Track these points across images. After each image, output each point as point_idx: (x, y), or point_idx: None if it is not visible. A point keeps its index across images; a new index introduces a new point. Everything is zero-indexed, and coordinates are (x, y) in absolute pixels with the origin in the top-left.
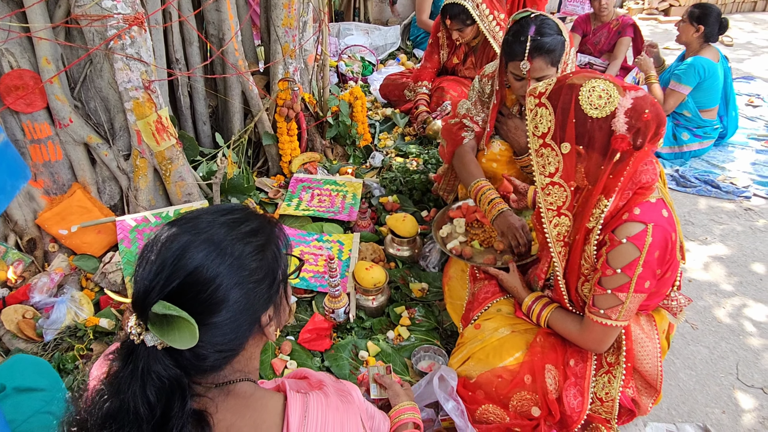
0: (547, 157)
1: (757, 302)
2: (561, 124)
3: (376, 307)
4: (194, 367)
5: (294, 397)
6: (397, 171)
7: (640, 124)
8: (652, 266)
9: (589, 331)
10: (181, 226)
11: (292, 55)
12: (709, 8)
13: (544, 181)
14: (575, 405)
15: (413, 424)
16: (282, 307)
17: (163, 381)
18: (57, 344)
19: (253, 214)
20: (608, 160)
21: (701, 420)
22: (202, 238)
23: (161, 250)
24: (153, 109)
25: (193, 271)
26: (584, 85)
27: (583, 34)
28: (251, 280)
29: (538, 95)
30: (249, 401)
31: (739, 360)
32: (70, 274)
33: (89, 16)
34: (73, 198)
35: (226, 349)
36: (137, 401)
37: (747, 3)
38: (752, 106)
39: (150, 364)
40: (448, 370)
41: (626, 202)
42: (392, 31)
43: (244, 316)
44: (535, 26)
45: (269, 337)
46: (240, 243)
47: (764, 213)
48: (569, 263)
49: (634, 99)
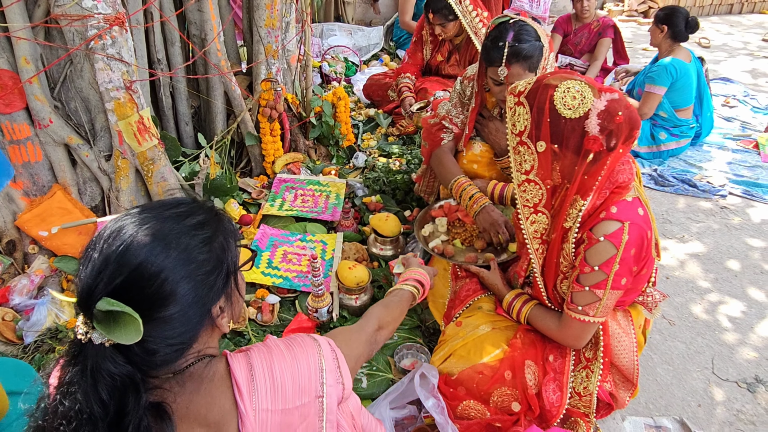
0: (524, 155)
1: (732, 298)
2: (536, 122)
3: (359, 306)
4: (146, 362)
5: (234, 357)
6: (381, 171)
7: (612, 126)
8: (629, 263)
9: (568, 328)
10: (125, 222)
11: (275, 56)
12: (673, 9)
13: (521, 178)
14: (554, 400)
15: (415, 280)
16: (234, 299)
17: (115, 378)
18: (37, 346)
19: (200, 207)
20: (582, 159)
21: (678, 413)
22: (145, 232)
23: (104, 246)
24: (134, 109)
25: (138, 267)
26: (560, 85)
27: (564, 35)
28: (199, 273)
29: (518, 94)
30: (203, 378)
31: (714, 355)
32: (50, 276)
33: (69, 16)
34: (53, 199)
35: (176, 342)
36: (89, 400)
37: (723, 5)
38: (728, 106)
39: (99, 363)
40: (430, 367)
41: (603, 201)
42: (375, 31)
43: (193, 309)
44: (513, 32)
45: (221, 329)
46: (186, 236)
47: (739, 211)
48: (547, 261)
49: (609, 101)
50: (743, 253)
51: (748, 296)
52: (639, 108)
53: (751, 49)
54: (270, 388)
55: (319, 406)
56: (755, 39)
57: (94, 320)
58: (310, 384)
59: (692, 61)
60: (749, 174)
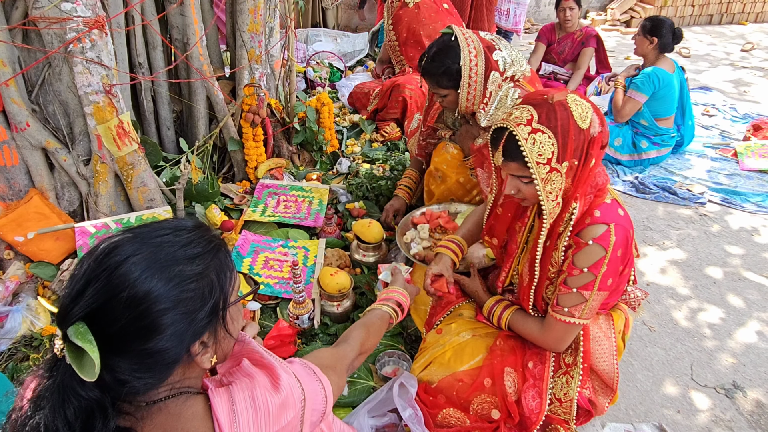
0: (554, 182)
1: (711, 305)
2: (563, 144)
3: (341, 313)
4: (114, 390)
5: (216, 394)
6: (364, 177)
7: (604, 122)
8: (616, 264)
9: (551, 330)
10: (118, 242)
11: (258, 61)
12: (661, 21)
13: (551, 206)
14: (534, 406)
15: (396, 302)
16: (221, 336)
17: (81, 401)
18: (11, 354)
19: (200, 237)
20: (586, 164)
21: (657, 420)
22: (137, 259)
23: (92, 266)
24: (114, 113)
25: (119, 295)
26: (568, 100)
27: (548, 44)
28: (183, 309)
29: (527, 122)
30: (180, 414)
31: (693, 361)
32: (26, 282)
33: (47, 19)
34: (30, 204)
35: (147, 377)
36: (56, 418)
37: (704, 16)
38: (708, 115)
39: (68, 383)
40: (409, 377)
41: (588, 207)
42: (360, 37)
43: (171, 345)
44: (434, 50)
45: (201, 365)
46: (177, 267)
47: (718, 219)
48: (541, 267)
49: (589, 101)
50: (722, 260)
51: (726, 303)
52: (621, 110)
53: (732, 59)
54: (253, 417)
55: (300, 416)
56: (736, 49)
57: (65, 342)
58: (295, 402)
59: (676, 72)
60: (728, 182)
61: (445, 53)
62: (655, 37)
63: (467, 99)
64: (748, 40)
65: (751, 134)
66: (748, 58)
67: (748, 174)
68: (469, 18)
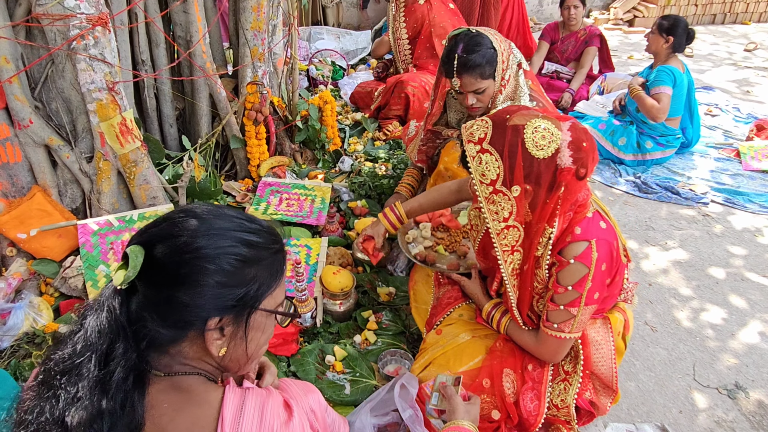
0: (500, 203)
1: (713, 305)
2: (510, 168)
3: (343, 312)
4: (135, 325)
5: (231, 391)
6: (366, 176)
7: (582, 155)
8: (602, 278)
9: (544, 344)
10: (205, 207)
11: (261, 59)
12: (678, 20)
13: (499, 227)
14: (531, 408)
15: None
16: (238, 336)
17: (111, 317)
18: (14, 351)
19: (266, 235)
20: (554, 192)
21: (659, 420)
22: (209, 220)
23: (178, 210)
24: (117, 110)
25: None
26: (527, 126)
27: (551, 42)
28: (216, 278)
29: (478, 141)
30: (192, 395)
31: (696, 361)
32: (28, 279)
33: (51, 16)
34: (32, 201)
35: (160, 325)
36: (94, 328)
37: (707, 15)
38: (711, 115)
39: (110, 297)
40: (410, 377)
41: (568, 224)
42: (363, 36)
43: (189, 306)
44: (463, 44)
45: (208, 346)
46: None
47: (721, 219)
48: (520, 291)
49: (571, 131)
50: (724, 261)
51: (729, 303)
52: (654, 111)
53: (735, 59)
54: (257, 427)
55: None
56: (740, 49)
57: (122, 259)
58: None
59: (685, 72)
60: (731, 182)
61: (478, 42)
62: (671, 36)
63: (501, 84)
64: (752, 39)
65: (755, 134)
66: (752, 58)
67: (751, 174)
68: (478, 16)
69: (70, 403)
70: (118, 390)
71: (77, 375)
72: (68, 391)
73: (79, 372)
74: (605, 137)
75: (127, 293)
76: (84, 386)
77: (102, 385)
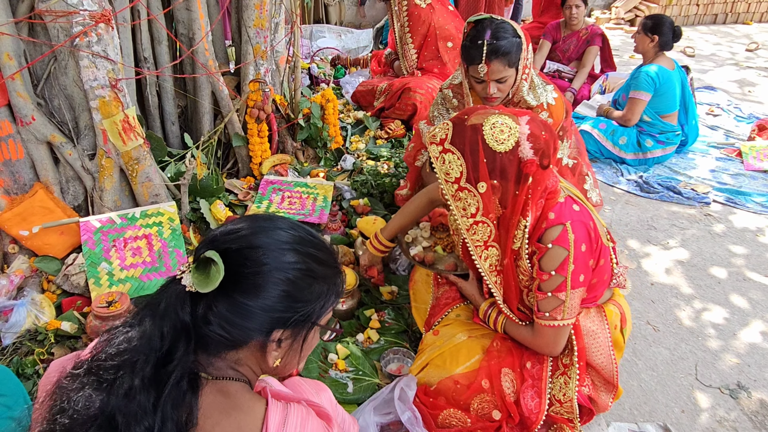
0: (466, 200)
1: (715, 305)
2: (473, 165)
3: (345, 310)
4: (199, 328)
5: (275, 404)
6: (368, 174)
7: (541, 146)
8: (584, 259)
9: (541, 336)
10: (277, 219)
11: (264, 57)
12: (661, 18)
13: (468, 222)
14: (533, 406)
15: None
16: (295, 347)
17: (177, 320)
18: (16, 348)
19: (328, 254)
20: (522, 185)
21: (662, 419)
22: (281, 233)
23: (249, 222)
24: (120, 108)
25: (251, 247)
26: (485, 123)
27: (553, 42)
28: (282, 290)
29: (440, 142)
30: (237, 402)
31: (698, 361)
32: (30, 276)
33: (54, 12)
34: (34, 198)
35: (227, 329)
36: (155, 329)
37: (708, 15)
38: (713, 115)
39: (174, 300)
40: (409, 380)
41: (541, 212)
42: (365, 34)
43: (258, 315)
44: (490, 30)
45: (268, 358)
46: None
47: (723, 219)
48: (505, 287)
49: (529, 124)
50: (726, 260)
51: (730, 303)
52: (624, 114)
53: (737, 59)
54: None
55: None
56: (741, 49)
57: (195, 264)
58: None
59: (676, 70)
60: (732, 182)
61: (504, 29)
62: (656, 35)
63: (522, 74)
64: (753, 39)
65: (756, 134)
66: (753, 58)
67: (752, 174)
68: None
69: (123, 396)
70: (172, 390)
71: (132, 371)
72: (122, 385)
73: (134, 369)
74: (606, 137)
75: (193, 297)
76: (138, 383)
77: (158, 384)
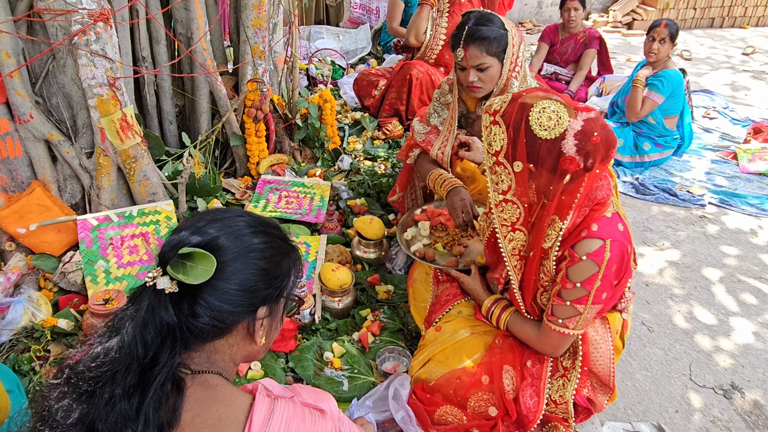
0: (500, 175)
1: (709, 306)
2: (513, 142)
3: (341, 309)
4: (187, 325)
5: (262, 399)
6: (366, 174)
7: (589, 147)
8: (610, 279)
9: (546, 338)
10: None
11: (262, 57)
12: (675, 24)
13: (498, 198)
14: (531, 405)
15: None
16: (276, 320)
17: (162, 324)
18: (12, 345)
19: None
20: (558, 179)
21: (656, 419)
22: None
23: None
24: (118, 106)
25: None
26: (535, 105)
27: (551, 44)
28: (260, 268)
29: (493, 113)
30: (218, 394)
31: (692, 361)
32: (27, 274)
33: (52, 11)
34: (32, 196)
35: (218, 318)
36: (136, 337)
37: (705, 19)
38: (708, 117)
39: (155, 306)
40: (402, 379)
41: (584, 219)
42: (363, 35)
43: (244, 297)
44: (475, 18)
45: (255, 337)
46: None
47: (718, 221)
48: (525, 277)
49: (585, 121)
50: (720, 262)
51: (724, 304)
52: (639, 110)
53: (733, 63)
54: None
55: None
56: (737, 53)
57: (168, 266)
58: None
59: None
60: (727, 184)
61: (489, 19)
62: (677, 41)
63: (509, 69)
64: (750, 43)
65: (752, 137)
66: (749, 62)
67: (747, 177)
68: None
69: (104, 405)
70: (155, 393)
71: (112, 381)
72: (102, 395)
73: (115, 379)
74: None
75: (173, 298)
76: (120, 392)
77: (142, 389)
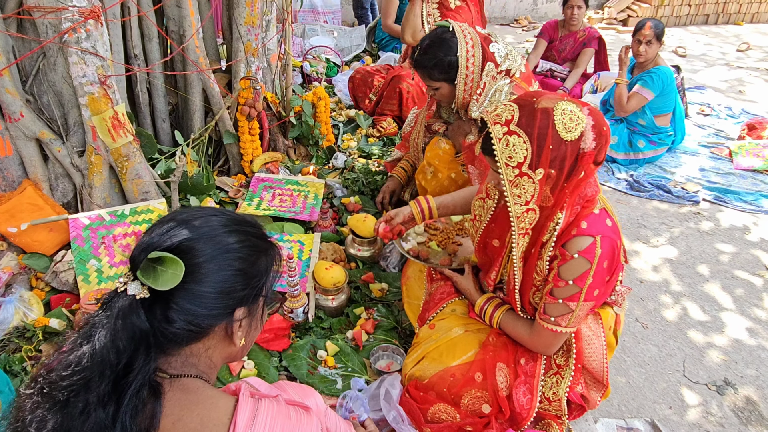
0: (524, 186)
1: (703, 302)
2: (538, 151)
3: (335, 307)
4: (161, 330)
5: (245, 400)
6: (360, 172)
7: (602, 140)
8: (602, 275)
9: (539, 336)
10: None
11: (255, 54)
12: (661, 23)
13: (520, 210)
14: (524, 402)
15: None
16: (256, 320)
17: (135, 330)
18: (4, 345)
19: (263, 234)
20: (573, 177)
21: (649, 415)
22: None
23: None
24: (109, 104)
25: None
26: (555, 108)
27: (550, 41)
28: (236, 269)
29: (505, 122)
30: (199, 397)
31: (685, 357)
32: (19, 273)
33: (42, 8)
34: (23, 195)
35: (193, 322)
36: (107, 344)
37: (700, 16)
38: (703, 114)
39: (126, 312)
40: (393, 379)
41: (575, 217)
42: (358, 32)
43: (220, 299)
44: (428, 41)
45: (234, 339)
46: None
47: (711, 217)
48: (524, 276)
49: (591, 114)
50: (714, 258)
51: (718, 300)
52: (625, 104)
53: (728, 59)
54: None
55: None
56: (732, 49)
57: (138, 271)
58: None
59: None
60: (722, 181)
61: (438, 45)
62: (664, 40)
63: (464, 90)
64: (744, 40)
65: (746, 134)
66: (744, 58)
67: (742, 173)
68: None
69: (79, 414)
70: (131, 400)
71: (86, 390)
72: (76, 404)
73: (88, 387)
74: None
75: (145, 303)
76: (94, 400)
77: (117, 396)
